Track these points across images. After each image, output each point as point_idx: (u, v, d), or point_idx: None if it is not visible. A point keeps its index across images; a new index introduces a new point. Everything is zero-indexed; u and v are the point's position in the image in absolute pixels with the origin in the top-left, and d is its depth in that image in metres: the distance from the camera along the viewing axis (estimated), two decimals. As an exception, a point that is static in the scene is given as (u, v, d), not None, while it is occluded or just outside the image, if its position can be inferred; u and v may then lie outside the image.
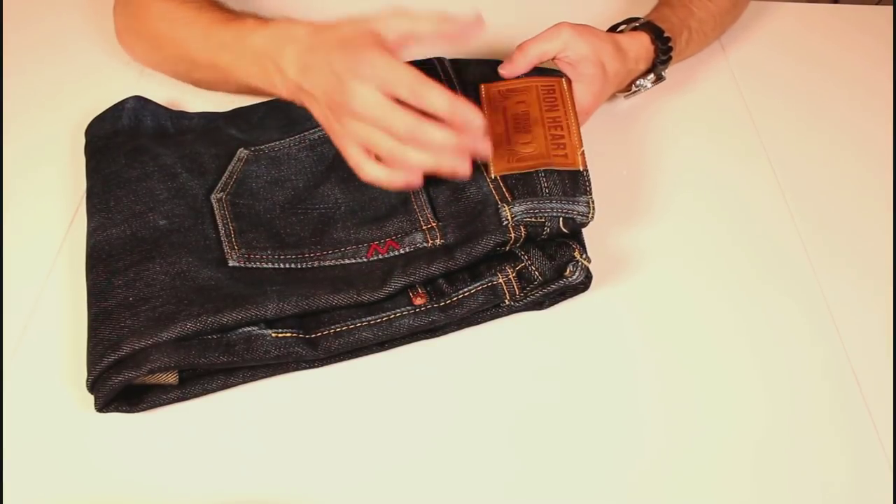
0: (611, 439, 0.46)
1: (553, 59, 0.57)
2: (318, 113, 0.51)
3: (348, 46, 0.47)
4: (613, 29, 0.62)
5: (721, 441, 0.47)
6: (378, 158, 0.49)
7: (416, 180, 0.49)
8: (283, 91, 0.52)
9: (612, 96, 0.63)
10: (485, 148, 0.48)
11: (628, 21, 0.62)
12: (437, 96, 0.46)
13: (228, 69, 0.55)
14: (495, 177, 0.52)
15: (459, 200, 0.52)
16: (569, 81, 0.56)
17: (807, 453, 0.46)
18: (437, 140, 0.47)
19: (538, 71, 0.57)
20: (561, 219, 0.49)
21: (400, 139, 0.47)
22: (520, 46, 0.56)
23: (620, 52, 0.58)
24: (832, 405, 0.49)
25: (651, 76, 0.62)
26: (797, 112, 0.67)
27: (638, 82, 0.63)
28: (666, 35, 0.60)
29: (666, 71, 0.63)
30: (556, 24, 0.56)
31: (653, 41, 0.60)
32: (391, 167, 0.49)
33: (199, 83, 0.60)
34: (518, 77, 0.57)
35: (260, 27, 0.53)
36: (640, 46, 0.59)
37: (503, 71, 0.57)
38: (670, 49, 0.61)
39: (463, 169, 0.48)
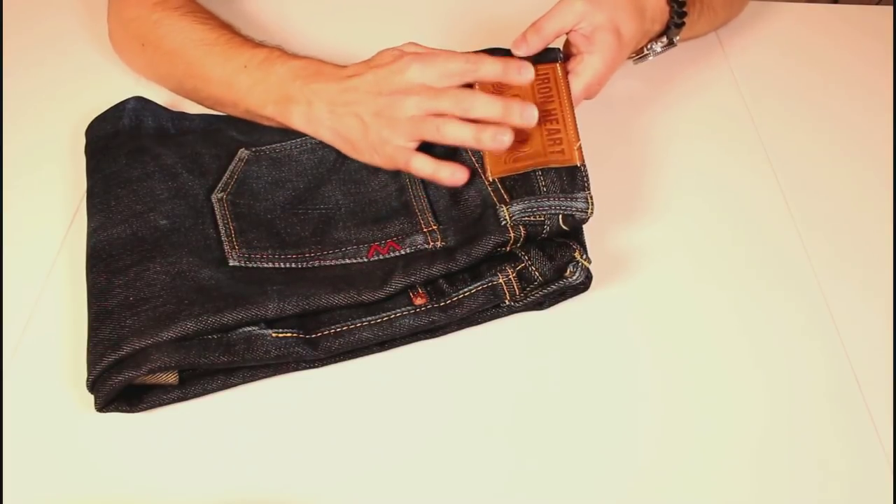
0: (611, 439, 0.46)
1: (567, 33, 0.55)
2: (356, 131, 0.53)
3: (384, 60, 0.52)
4: None
5: (721, 441, 0.47)
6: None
7: (462, 173, 0.51)
8: (302, 120, 0.54)
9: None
10: (531, 116, 0.50)
11: None
12: (490, 63, 0.51)
13: (243, 93, 0.56)
14: (493, 179, 0.52)
15: (458, 204, 0.53)
16: (563, 66, 0.55)
17: (807, 453, 0.46)
18: (486, 108, 0.50)
19: (531, 57, 0.57)
20: (560, 216, 0.49)
21: (450, 112, 0.51)
22: (534, 25, 0.55)
23: (639, 10, 0.56)
24: (832, 405, 0.49)
25: (663, 40, 0.61)
26: (797, 112, 0.67)
27: (649, 46, 0.61)
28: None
29: (677, 38, 0.61)
30: None
31: (668, 2, 0.59)
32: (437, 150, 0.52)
33: (203, 101, 0.60)
34: None
35: (289, 59, 0.55)
36: (656, 5, 0.58)
37: (517, 51, 0.55)
38: (685, 14, 0.59)
39: (503, 139, 0.50)
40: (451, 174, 0.51)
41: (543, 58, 0.55)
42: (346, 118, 0.53)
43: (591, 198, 0.50)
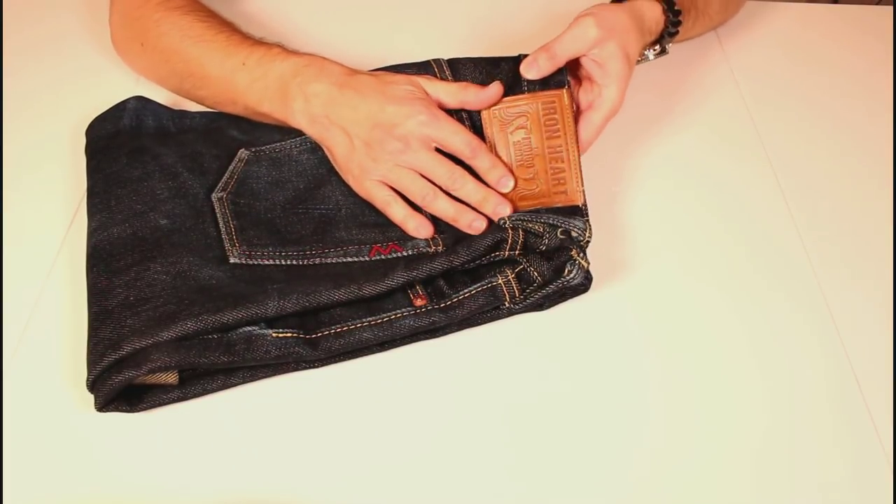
0: (611, 440, 0.46)
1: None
2: (341, 147, 0.53)
3: (399, 94, 0.52)
4: None
5: (721, 441, 0.47)
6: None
7: (426, 229, 0.52)
8: (301, 118, 0.54)
9: None
10: (503, 211, 0.52)
11: None
12: (486, 156, 0.52)
13: (242, 89, 0.56)
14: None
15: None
16: (569, 92, 0.55)
17: (807, 453, 0.46)
18: (469, 191, 0.52)
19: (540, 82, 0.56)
20: (559, 230, 0.50)
21: (438, 185, 0.52)
22: (546, 48, 0.54)
23: (639, 27, 0.57)
24: (832, 405, 0.49)
25: (656, 48, 0.61)
26: (797, 112, 0.67)
27: (642, 54, 0.61)
28: (677, 8, 0.60)
29: (669, 45, 0.62)
30: (580, 21, 0.54)
31: (664, 12, 0.59)
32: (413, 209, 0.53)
33: (202, 100, 0.60)
34: (518, 94, 0.55)
35: (290, 55, 0.55)
36: (653, 16, 0.59)
37: (527, 74, 0.54)
38: (680, 23, 0.60)
39: (479, 226, 0.52)
40: (416, 227, 0.52)
41: (550, 79, 0.55)
42: (335, 129, 0.53)
43: (589, 225, 0.51)
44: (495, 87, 0.54)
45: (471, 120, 0.56)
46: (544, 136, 0.54)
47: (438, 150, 0.53)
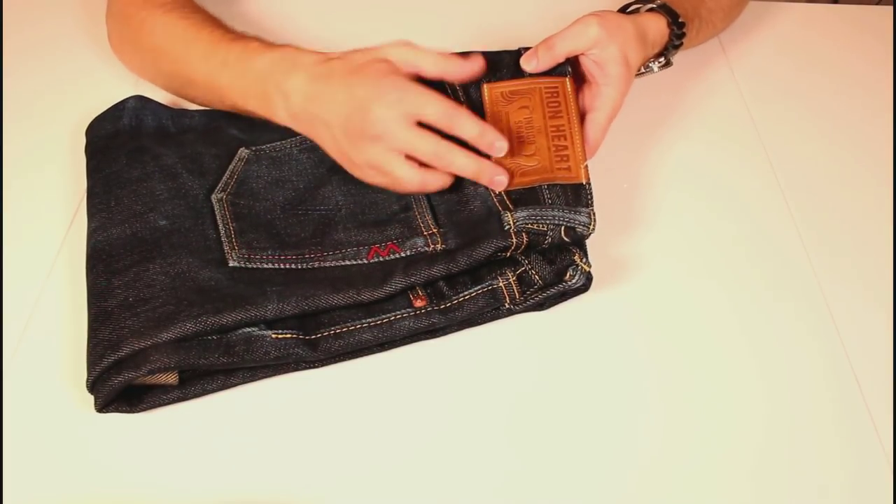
0: (611, 439, 0.46)
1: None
2: (326, 141, 0.52)
3: (367, 74, 0.49)
4: (625, 8, 0.61)
5: (721, 441, 0.47)
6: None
7: (448, 179, 0.52)
8: (284, 115, 0.53)
9: None
10: (500, 182, 0.51)
11: (642, 1, 0.61)
12: (469, 122, 0.50)
13: (226, 90, 0.55)
14: (500, 192, 0.52)
15: (461, 209, 0.53)
16: (572, 81, 0.56)
17: (807, 453, 0.46)
18: (460, 165, 0.50)
19: None
20: (563, 227, 0.50)
21: (427, 160, 0.50)
22: (546, 42, 0.55)
23: (642, 39, 0.57)
24: (832, 405, 0.49)
25: (661, 60, 0.62)
26: (797, 112, 0.67)
27: (647, 66, 0.62)
28: (681, 20, 0.60)
29: (674, 57, 0.62)
30: (583, 19, 0.54)
31: (668, 25, 0.59)
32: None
33: (193, 99, 0.59)
34: (521, 77, 0.56)
35: (266, 50, 0.54)
36: (657, 30, 0.59)
37: (527, 66, 0.55)
38: (684, 35, 0.60)
39: (502, 183, 0.51)
40: (434, 180, 0.51)
41: (552, 70, 0.56)
42: (317, 123, 0.52)
43: (594, 214, 0.50)
44: (478, 62, 0.52)
45: (468, 98, 0.55)
46: (547, 116, 0.54)
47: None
